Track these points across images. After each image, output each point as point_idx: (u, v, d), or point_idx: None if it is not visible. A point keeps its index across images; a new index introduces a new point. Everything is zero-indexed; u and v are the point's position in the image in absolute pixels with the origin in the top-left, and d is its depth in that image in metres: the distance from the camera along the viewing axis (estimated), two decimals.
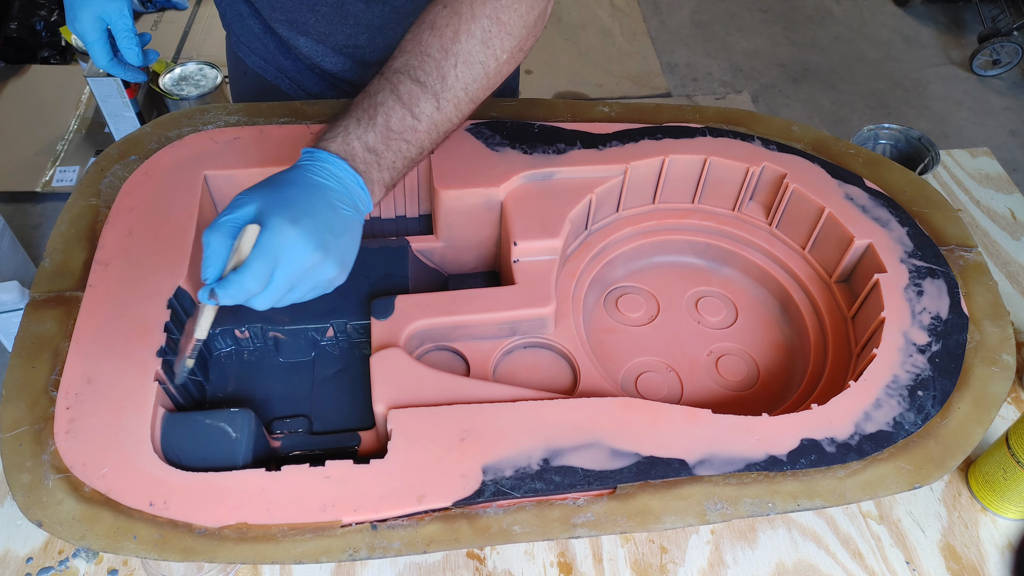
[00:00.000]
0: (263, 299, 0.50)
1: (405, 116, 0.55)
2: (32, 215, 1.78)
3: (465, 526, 0.51)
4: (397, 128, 0.55)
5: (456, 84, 0.56)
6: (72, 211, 0.64)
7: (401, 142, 0.55)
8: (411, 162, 0.56)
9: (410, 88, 0.55)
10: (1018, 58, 2.29)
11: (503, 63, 0.57)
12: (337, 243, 0.51)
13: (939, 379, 0.59)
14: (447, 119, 0.56)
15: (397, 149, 0.55)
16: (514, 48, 0.57)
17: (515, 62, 0.59)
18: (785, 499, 0.53)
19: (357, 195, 0.54)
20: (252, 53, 0.85)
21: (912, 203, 0.71)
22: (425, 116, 0.55)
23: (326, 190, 0.52)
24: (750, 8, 2.58)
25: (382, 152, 0.54)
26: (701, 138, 0.73)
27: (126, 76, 0.72)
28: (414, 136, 0.55)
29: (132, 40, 0.69)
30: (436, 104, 0.55)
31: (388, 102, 0.55)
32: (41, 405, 0.53)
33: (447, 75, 0.55)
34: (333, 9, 0.74)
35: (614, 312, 0.73)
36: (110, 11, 0.67)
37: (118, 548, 0.48)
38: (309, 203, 0.51)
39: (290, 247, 0.49)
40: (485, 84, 0.57)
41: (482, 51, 0.56)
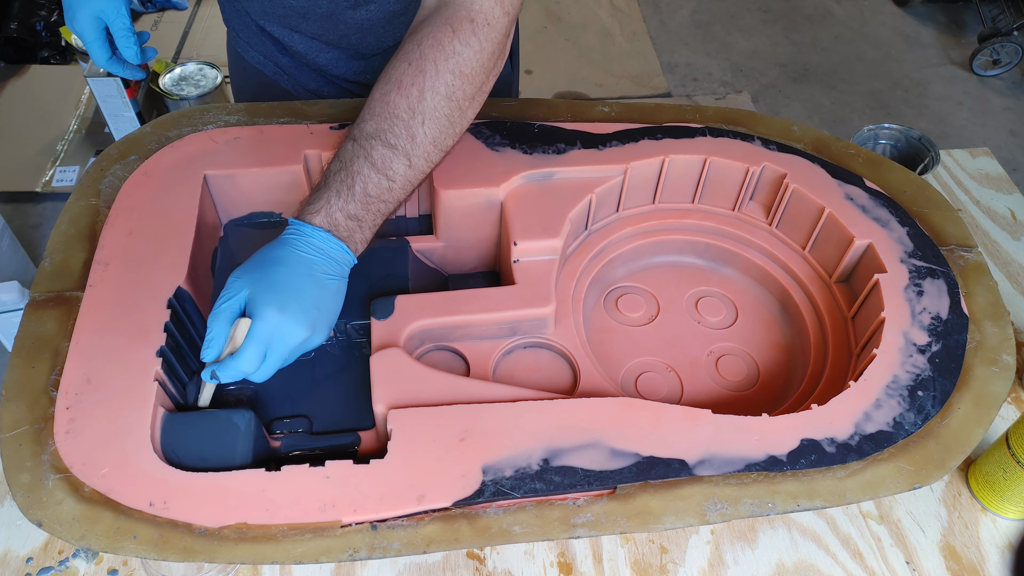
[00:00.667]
0: (259, 376, 0.56)
1: (380, 180, 0.58)
2: (32, 215, 1.78)
3: (465, 526, 0.51)
4: (375, 193, 0.58)
5: (425, 140, 0.58)
6: (72, 211, 0.64)
7: (379, 203, 0.58)
8: (388, 214, 0.60)
9: (382, 153, 0.58)
10: (1018, 58, 2.29)
11: (467, 110, 0.60)
12: (323, 316, 0.56)
13: (939, 379, 0.59)
14: (420, 172, 0.59)
15: (376, 210, 0.58)
16: (475, 94, 0.60)
17: (478, 105, 0.61)
18: (785, 499, 0.53)
19: (342, 260, 0.57)
20: (251, 48, 0.86)
21: (912, 203, 0.71)
22: (399, 176, 0.58)
23: (312, 266, 0.56)
24: (750, 8, 2.58)
25: (363, 217, 0.58)
26: (701, 138, 0.73)
27: (125, 74, 0.73)
28: (390, 195, 0.58)
29: (130, 39, 0.69)
30: (408, 163, 0.58)
31: (364, 171, 0.58)
32: (41, 405, 0.53)
33: (416, 134, 0.58)
34: (324, 18, 0.75)
35: (614, 312, 0.73)
36: (108, 10, 0.68)
37: (118, 548, 0.48)
38: (296, 285, 0.55)
39: (279, 334, 0.55)
40: (452, 133, 0.60)
41: (447, 105, 0.58)
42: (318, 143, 0.69)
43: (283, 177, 0.69)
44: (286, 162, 0.68)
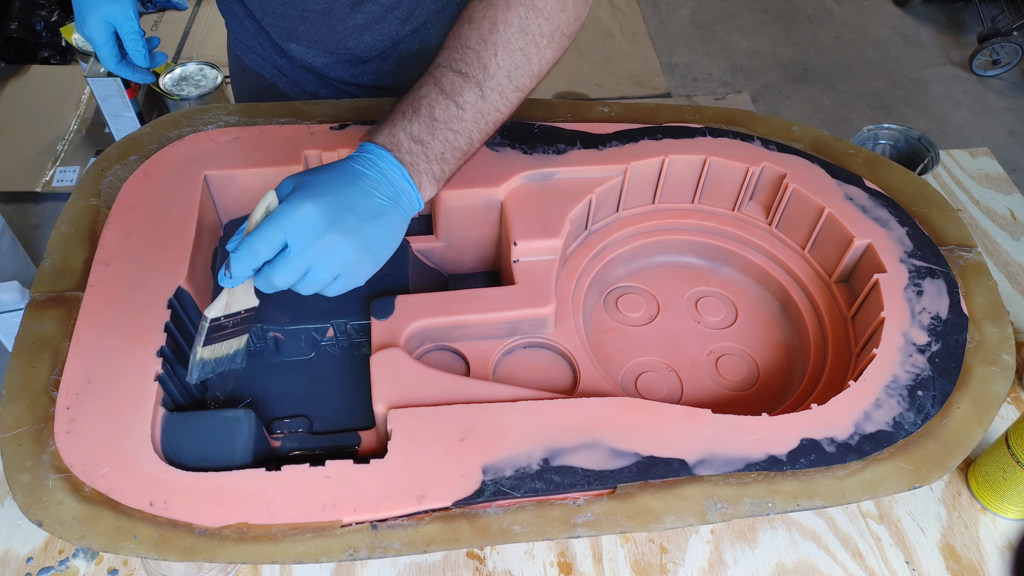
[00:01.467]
0: (280, 272, 0.50)
1: (449, 106, 0.55)
2: (32, 215, 1.78)
3: (465, 526, 0.51)
4: (442, 118, 0.55)
5: (498, 72, 0.56)
6: (72, 211, 0.64)
7: (447, 131, 0.55)
8: (460, 153, 0.57)
9: (452, 79, 0.56)
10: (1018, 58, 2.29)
11: (544, 48, 0.58)
12: (360, 226, 0.51)
13: (939, 379, 0.59)
14: (493, 108, 0.57)
15: (444, 139, 0.55)
16: (553, 32, 0.58)
17: (558, 47, 0.59)
18: (785, 499, 0.53)
19: (400, 187, 0.54)
20: (249, 51, 0.86)
21: (912, 203, 0.71)
22: (470, 105, 0.56)
23: (362, 177, 0.53)
24: (750, 8, 2.58)
25: (428, 141, 0.55)
26: (701, 138, 0.73)
27: (134, 77, 0.73)
28: (460, 125, 0.56)
29: (139, 43, 0.70)
30: (480, 92, 0.56)
31: (432, 94, 0.56)
32: (41, 405, 0.53)
33: (488, 64, 0.56)
34: (321, 16, 0.75)
35: (614, 312, 0.73)
36: (116, 14, 0.68)
37: (118, 548, 0.48)
38: (337, 185, 0.52)
39: (300, 217, 0.49)
40: (528, 71, 0.57)
41: (521, 38, 0.56)
42: (318, 143, 0.69)
43: (283, 177, 0.68)
44: (286, 162, 0.68)
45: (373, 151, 0.54)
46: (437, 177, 0.56)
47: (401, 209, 0.54)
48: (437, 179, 0.56)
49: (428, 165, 0.55)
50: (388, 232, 0.54)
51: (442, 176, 0.56)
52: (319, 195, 0.50)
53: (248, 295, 0.56)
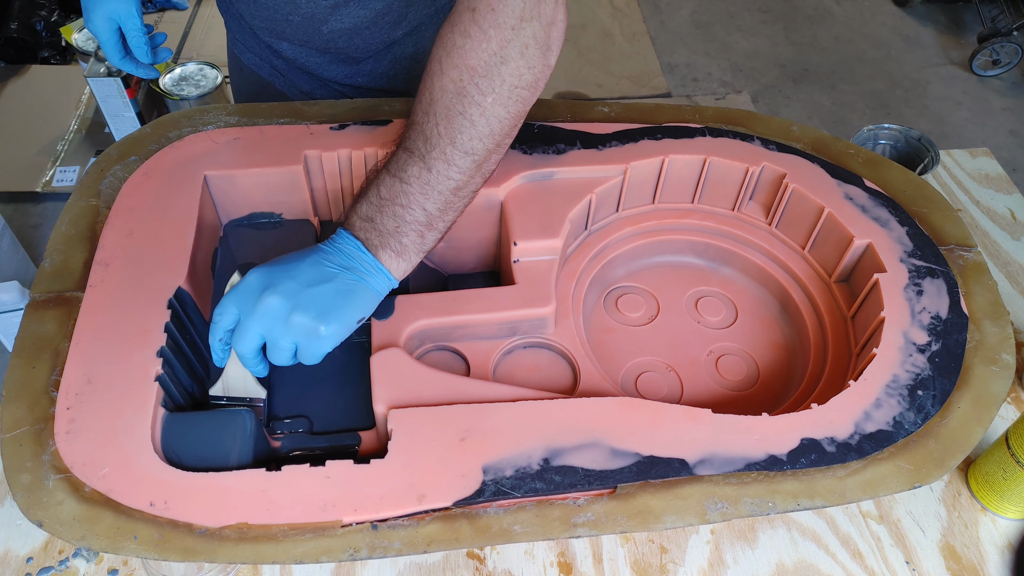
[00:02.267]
0: (237, 340, 0.54)
1: (393, 183, 0.56)
2: (32, 215, 1.78)
3: (465, 526, 0.51)
4: (387, 196, 0.56)
5: (440, 141, 0.55)
6: (72, 211, 0.64)
7: (395, 207, 0.56)
8: (420, 225, 0.56)
9: (399, 157, 0.57)
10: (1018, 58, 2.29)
11: (491, 106, 0.55)
12: (300, 290, 0.53)
13: (939, 379, 0.59)
14: (443, 177, 0.56)
15: (393, 214, 0.56)
16: (498, 88, 0.54)
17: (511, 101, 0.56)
18: (785, 499, 0.53)
19: (355, 257, 0.56)
20: (247, 50, 0.86)
21: (912, 203, 0.71)
22: (414, 179, 0.56)
23: (314, 251, 0.56)
24: (750, 8, 2.58)
25: (376, 219, 0.56)
26: (701, 138, 0.73)
27: (138, 73, 0.75)
28: (408, 199, 0.56)
29: (142, 39, 0.72)
30: (424, 165, 0.56)
31: (380, 175, 0.57)
32: (41, 405, 0.53)
33: (429, 135, 0.56)
34: (305, 20, 0.75)
35: (614, 312, 0.73)
36: (120, 12, 0.70)
37: (118, 548, 0.48)
38: (286, 259, 0.55)
39: (243, 285, 0.54)
40: (475, 134, 0.55)
41: (459, 102, 0.55)
42: (318, 144, 0.69)
43: (283, 177, 0.69)
44: (286, 162, 0.68)
45: (336, 233, 0.57)
46: (397, 250, 0.56)
47: (358, 277, 0.55)
48: (398, 251, 0.56)
49: (383, 239, 0.56)
50: (340, 296, 0.54)
51: (403, 248, 0.56)
52: (264, 267, 0.54)
53: (250, 382, 0.59)
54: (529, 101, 0.57)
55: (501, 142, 0.57)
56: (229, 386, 0.59)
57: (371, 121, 0.72)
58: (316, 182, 0.71)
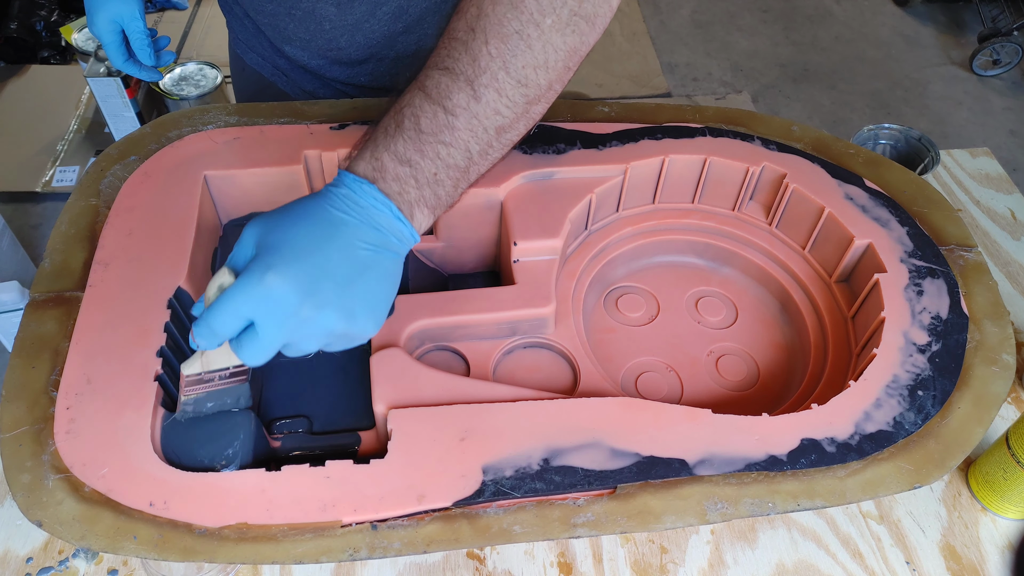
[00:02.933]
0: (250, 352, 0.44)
1: (436, 112, 0.46)
2: (32, 215, 1.78)
3: (465, 526, 0.51)
4: (429, 129, 0.46)
5: (492, 64, 0.46)
6: (72, 211, 0.64)
7: (438, 145, 0.46)
8: (458, 172, 0.47)
9: (439, 80, 0.47)
10: (1018, 58, 2.29)
11: (548, 29, 0.47)
12: (341, 292, 0.44)
13: (939, 379, 0.59)
14: (492, 111, 0.47)
15: (435, 155, 0.46)
16: (558, 8, 0.47)
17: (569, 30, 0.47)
18: (785, 499, 0.53)
19: (388, 227, 0.46)
20: (249, 50, 0.86)
21: (912, 203, 0.71)
22: (461, 109, 0.46)
23: (340, 227, 0.45)
24: (750, 8, 2.58)
25: (417, 162, 0.46)
26: (701, 138, 0.73)
27: (140, 75, 0.76)
28: (452, 136, 0.46)
29: (144, 42, 0.72)
30: (471, 92, 0.46)
31: (416, 101, 0.47)
32: (41, 405, 0.53)
33: (478, 55, 0.46)
34: (307, 14, 0.75)
35: (614, 312, 0.73)
36: (123, 14, 0.70)
37: (118, 548, 0.48)
38: (309, 245, 0.44)
39: (264, 294, 0.43)
40: (531, 60, 0.47)
41: (515, 18, 0.46)
42: (318, 143, 0.69)
43: (283, 177, 0.69)
44: (286, 162, 0.68)
45: (352, 185, 0.46)
46: (432, 205, 0.47)
47: (391, 252, 0.47)
48: (432, 207, 0.47)
49: (420, 192, 0.46)
50: (380, 284, 0.46)
51: (437, 204, 0.48)
52: (286, 264, 0.43)
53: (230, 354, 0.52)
54: (587, 36, 0.49)
55: (554, 81, 0.49)
56: (209, 361, 0.53)
57: (371, 121, 0.72)
58: (316, 182, 0.71)
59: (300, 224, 0.45)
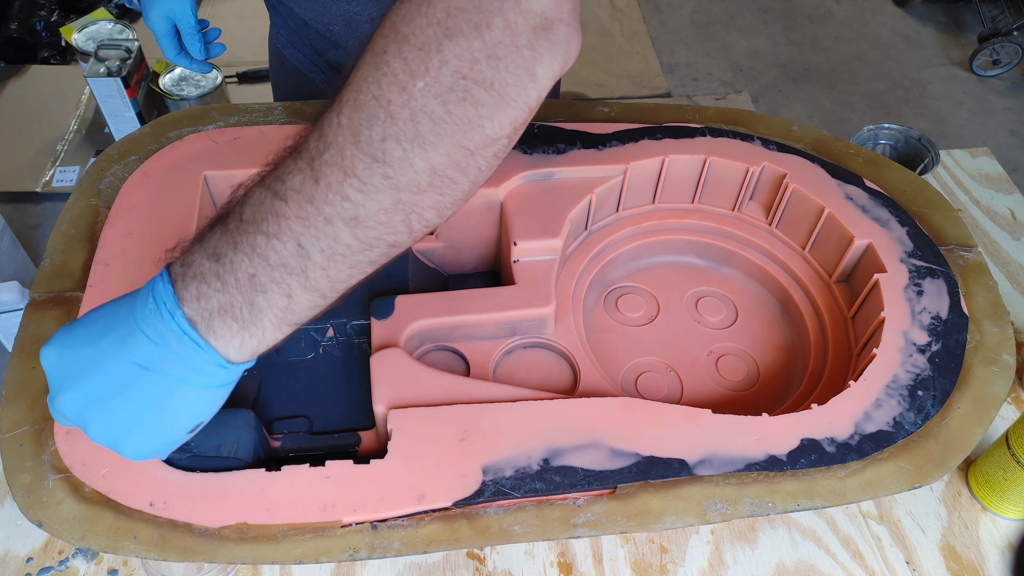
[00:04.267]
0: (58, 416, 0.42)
1: (264, 197, 0.37)
2: (32, 215, 1.78)
3: (465, 526, 0.51)
4: (250, 217, 0.37)
5: (339, 137, 0.37)
6: (72, 211, 0.64)
7: (258, 235, 0.37)
8: (291, 276, 0.37)
9: (282, 162, 0.39)
10: (1018, 58, 2.29)
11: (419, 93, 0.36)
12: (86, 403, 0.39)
13: (939, 379, 0.59)
14: (336, 192, 0.37)
15: (252, 248, 0.37)
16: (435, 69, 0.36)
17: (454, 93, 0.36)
18: (785, 499, 0.53)
19: (174, 344, 0.38)
20: (291, 46, 0.87)
21: (912, 203, 0.71)
22: (292, 192, 0.37)
23: (126, 332, 0.39)
24: (750, 8, 2.58)
25: (227, 256, 0.37)
26: (701, 138, 0.73)
27: (191, 68, 0.80)
28: (276, 225, 0.37)
29: (195, 36, 0.76)
30: (309, 171, 0.37)
31: (251, 190, 0.39)
32: (41, 405, 0.53)
33: (327, 129, 0.38)
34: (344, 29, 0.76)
35: (614, 312, 0.73)
36: (175, 9, 0.73)
37: (118, 548, 0.48)
38: (87, 338, 0.40)
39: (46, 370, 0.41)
40: (393, 132, 0.36)
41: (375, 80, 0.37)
42: None
43: None
44: None
45: (157, 284, 0.39)
46: (245, 318, 0.38)
47: (174, 376, 0.39)
48: (245, 321, 0.38)
49: (227, 297, 0.37)
50: (142, 408, 0.39)
51: (256, 315, 0.37)
52: (60, 345, 0.41)
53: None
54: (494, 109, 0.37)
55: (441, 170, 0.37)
56: None
57: None
58: None
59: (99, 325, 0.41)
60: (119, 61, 1.65)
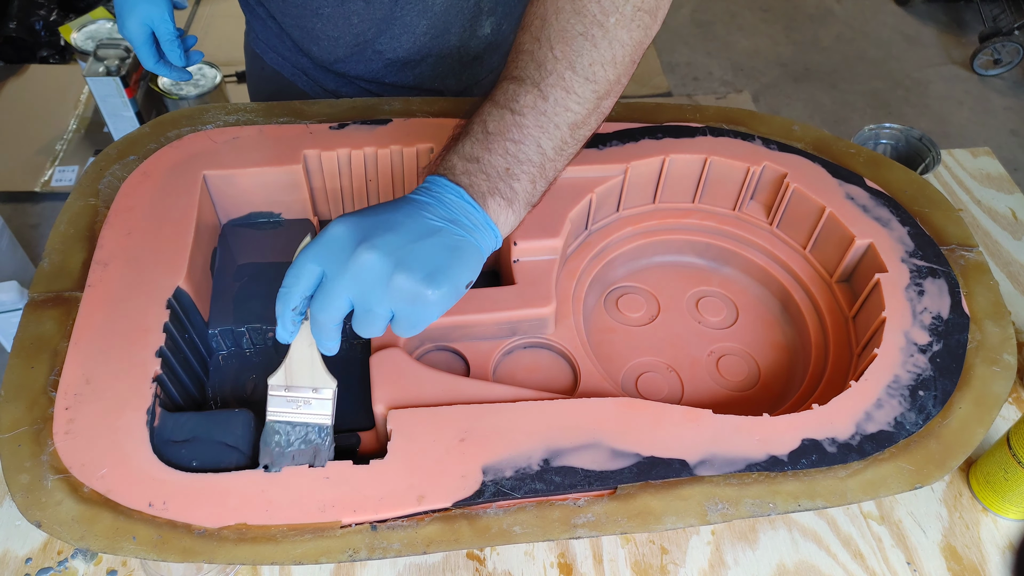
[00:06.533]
0: (318, 303, 0.46)
1: (504, 115, 0.49)
2: (31, 215, 1.78)
3: (465, 527, 0.51)
4: (496, 129, 0.49)
5: (557, 66, 0.49)
6: (71, 211, 0.64)
7: (506, 142, 0.49)
8: (532, 166, 0.49)
9: (506, 88, 0.50)
10: (1019, 57, 2.29)
11: (613, 27, 0.49)
12: (401, 244, 0.45)
13: (940, 379, 0.59)
14: (561, 107, 0.49)
15: (503, 151, 0.48)
16: (620, 6, 0.49)
17: (633, 24, 0.49)
18: (786, 499, 0.52)
19: (459, 208, 0.48)
20: (269, 50, 0.86)
21: (913, 203, 0.71)
22: (528, 108, 0.49)
23: (410, 202, 0.48)
24: (751, 7, 2.58)
25: (484, 158, 0.48)
26: (701, 137, 0.73)
27: (171, 75, 0.78)
28: (520, 132, 0.49)
29: (174, 44, 0.74)
30: (538, 92, 0.49)
31: (485, 109, 0.50)
32: (40, 405, 0.53)
33: (543, 60, 0.49)
34: (335, 10, 0.74)
35: (614, 312, 0.73)
36: (153, 17, 0.72)
37: (117, 549, 0.48)
38: (377, 210, 0.47)
39: (329, 238, 0.46)
40: (598, 57, 0.49)
41: (578, 21, 0.48)
42: (318, 143, 0.69)
43: (282, 177, 0.68)
44: (285, 162, 0.68)
45: (428, 180, 0.49)
46: (508, 197, 0.49)
47: (464, 232, 0.48)
48: (509, 199, 0.49)
49: (491, 183, 0.48)
50: (449, 253, 0.46)
51: (515, 196, 0.49)
52: (352, 217, 0.47)
53: (318, 369, 0.52)
54: (650, 29, 0.51)
55: (622, 75, 0.51)
56: (293, 373, 0.52)
57: (370, 120, 0.72)
58: (315, 182, 0.71)
59: (376, 206, 0.49)
60: (118, 60, 1.64)
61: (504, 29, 0.82)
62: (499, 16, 0.81)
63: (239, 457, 0.53)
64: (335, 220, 0.47)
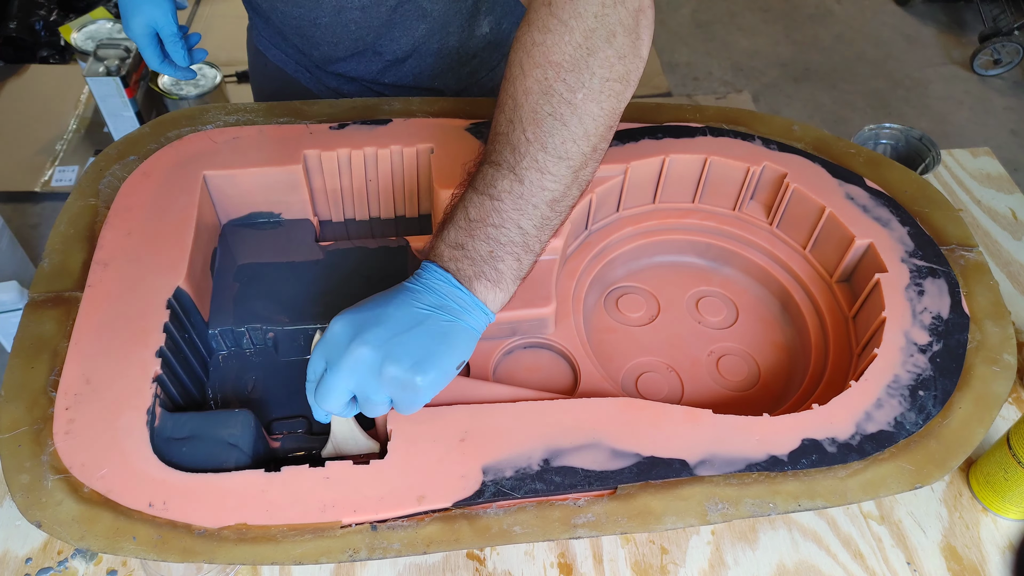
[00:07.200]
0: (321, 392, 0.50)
1: (483, 201, 0.51)
2: (31, 215, 1.78)
3: (465, 527, 0.51)
4: (477, 216, 0.50)
5: (530, 148, 0.50)
6: (71, 211, 0.64)
7: (487, 227, 0.50)
8: (516, 247, 0.51)
9: (485, 173, 0.51)
10: (1019, 57, 2.29)
11: (580, 103, 0.50)
12: (393, 339, 0.48)
13: (940, 379, 0.59)
14: (536, 187, 0.50)
15: (486, 236, 0.50)
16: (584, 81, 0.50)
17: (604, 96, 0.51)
18: (786, 499, 0.52)
19: (448, 294, 0.50)
20: (273, 47, 0.86)
21: (913, 203, 0.71)
22: (505, 193, 0.50)
23: (404, 291, 0.51)
24: (751, 7, 2.58)
25: (467, 244, 0.50)
26: (701, 137, 0.73)
27: (176, 75, 0.78)
28: (499, 217, 0.50)
29: (178, 43, 0.75)
30: (514, 176, 0.50)
31: (466, 196, 0.52)
32: (40, 406, 0.53)
33: (517, 144, 0.50)
34: (333, 19, 0.74)
35: (614, 312, 0.73)
36: (157, 17, 0.73)
37: (117, 549, 0.48)
38: (371, 304, 0.50)
39: (328, 335, 0.50)
40: (568, 135, 0.50)
41: (546, 102, 0.49)
42: (317, 143, 0.69)
43: (282, 177, 0.68)
44: (285, 162, 0.68)
45: (422, 266, 0.52)
46: (493, 278, 0.51)
47: (452, 317, 0.50)
48: (495, 280, 0.51)
49: (476, 267, 0.50)
50: (436, 340, 0.49)
51: (500, 276, 0.51)
52: (349, 313, 0.50)
53: (359, 436, 0.56)
54: (623, 96, 0.51)
55: (597, 145, 0.52)
56: (339, 445, 0.56)
57: (371, 121, 0.72)
58: (315, 182, 0.71)
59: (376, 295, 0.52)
60: (118, 60, 1.64)
61: (503, 27, 0.82)
62: (498, 15, 0.81)
63: (239, 457, 0.53)
64: (336, 317, 0.51)
